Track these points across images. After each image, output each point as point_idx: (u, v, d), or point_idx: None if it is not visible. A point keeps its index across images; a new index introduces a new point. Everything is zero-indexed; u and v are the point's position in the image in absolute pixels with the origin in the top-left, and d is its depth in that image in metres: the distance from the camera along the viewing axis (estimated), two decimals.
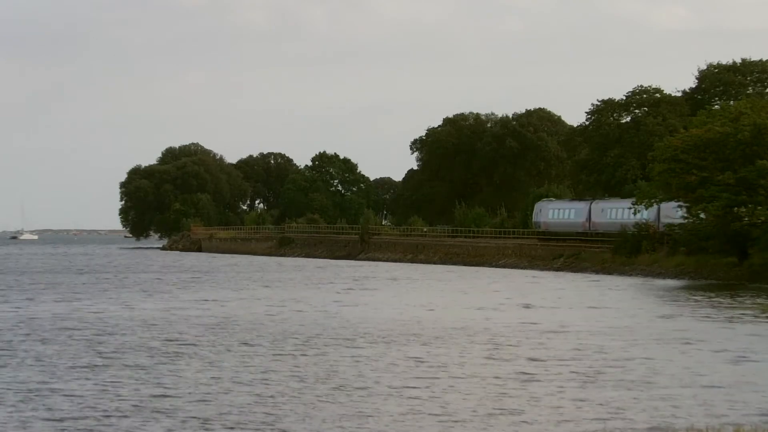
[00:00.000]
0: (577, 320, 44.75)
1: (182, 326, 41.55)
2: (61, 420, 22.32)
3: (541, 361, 31.39)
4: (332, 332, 39.31)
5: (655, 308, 51.52)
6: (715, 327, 41.90)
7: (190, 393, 25.43)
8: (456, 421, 22.21)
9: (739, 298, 57.24)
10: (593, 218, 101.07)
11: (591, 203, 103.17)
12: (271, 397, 24.99)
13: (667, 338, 37.75)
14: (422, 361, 31.18)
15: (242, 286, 70.67)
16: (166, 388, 26.17)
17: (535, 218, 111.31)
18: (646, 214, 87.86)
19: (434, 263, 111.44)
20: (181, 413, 22.95)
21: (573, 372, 29.02)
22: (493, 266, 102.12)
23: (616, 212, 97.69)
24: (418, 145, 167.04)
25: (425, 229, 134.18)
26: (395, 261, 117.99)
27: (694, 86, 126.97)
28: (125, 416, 22.64)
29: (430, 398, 24.85)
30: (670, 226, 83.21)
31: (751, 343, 36.33)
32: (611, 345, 35.53)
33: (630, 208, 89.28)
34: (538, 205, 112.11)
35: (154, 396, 25.03)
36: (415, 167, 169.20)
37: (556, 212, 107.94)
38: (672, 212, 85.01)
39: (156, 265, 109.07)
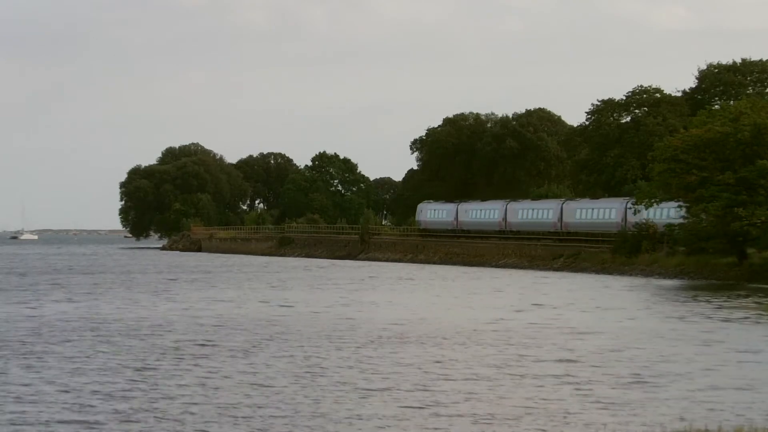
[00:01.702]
0: (587, 321, 44.79)
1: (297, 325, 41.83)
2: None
3: (563, 361, 31.46)
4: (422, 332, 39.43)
5: (661, 308, 51.57)
6: (718, 327, 41.94)
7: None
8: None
9: (740, 298, 57.28)
10: (459, 218, 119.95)
11: (458, 205, 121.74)
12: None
13: (670, 338, 37.78)
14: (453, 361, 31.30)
15: (302, 286, 69.98)
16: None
17: (417, 217, 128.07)
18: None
19: (434, 263, 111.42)
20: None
21: (573, 371, 29.06)
22: (493, 266, 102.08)
23: (476, 213, 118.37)
24: (418, 145, 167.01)
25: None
26: (395, 261, 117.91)
27: (694, 86, 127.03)
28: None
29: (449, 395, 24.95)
30: (671, 227, 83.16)
31: (754, 342, 36.35)
32: (614, 345, 35.57)
33: (487, 210, 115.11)
34: (419, 206, 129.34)
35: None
36: (415, 167, 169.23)
37: (432, 212, 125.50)
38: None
39: (188, 264, 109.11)
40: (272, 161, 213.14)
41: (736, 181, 75.47)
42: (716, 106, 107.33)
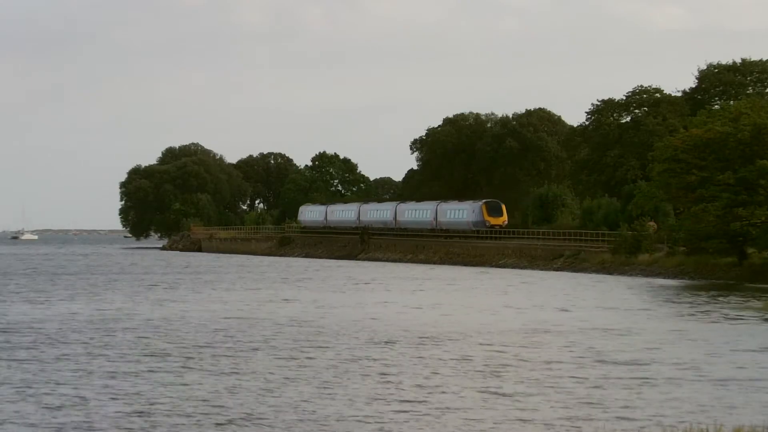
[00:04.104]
0: (594, 320, 44.82)
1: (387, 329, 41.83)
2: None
3: (565, 362, 31.49)
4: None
5: (663, 309, 51.62)
6: (718, 327, 41.98)
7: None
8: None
9: (741, 298, 57.31)
10: (328, 217, 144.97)
11: (327, 207, 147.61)
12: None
13: (671, 338, 37.82)
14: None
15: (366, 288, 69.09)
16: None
17: (299, 217, 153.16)
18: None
19: (434, 263, 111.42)
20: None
21: (575, 372, 29.11)
22: (493, 266, 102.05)
23: (340, 213, 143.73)
24: (418, 145, 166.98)
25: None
26: (395, 261, 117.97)
27: (694, 86, 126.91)
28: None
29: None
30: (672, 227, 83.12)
31: (755, 342, 36.38)
32: (614, 346, 35.60)
33: (346, 210, 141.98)
34: (301, 208, 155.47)
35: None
36: (415, 167, 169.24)
37: (309, 213, 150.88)
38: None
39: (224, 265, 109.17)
40: (272, 161, 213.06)
41: (736, 181, 75.48)
42: (716, 106, 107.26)
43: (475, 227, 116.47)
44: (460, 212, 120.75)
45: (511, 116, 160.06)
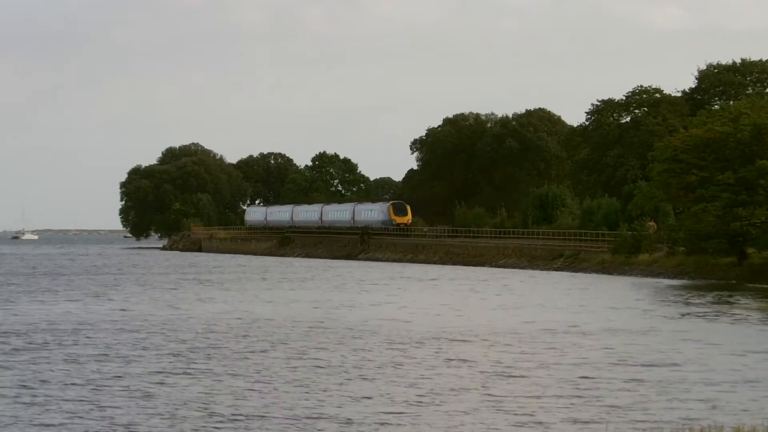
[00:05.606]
0: (593, 320, 44.87)
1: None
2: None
3: (563, 363, 31.54)
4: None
5: (664, 309, 51.66)
6: (719, 327, 42.02)
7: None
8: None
9: (741, 298, 57.34)
10: (268, 217, 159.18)
11: (267, 209, 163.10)
12: None
13: (672, 339, 37.87)
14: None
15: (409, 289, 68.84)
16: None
17: (245, 217, 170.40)
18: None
19: (434, 263, 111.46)
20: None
21: (576, 372, 29.16)
22: (493, 266, 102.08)
23: (277, 214, 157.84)
24: (418, 145, 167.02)
25: (425, 229, 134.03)
26: (395, 261, 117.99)
27: (694, 86, 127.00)
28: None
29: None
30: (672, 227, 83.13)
31: (755, 342, 36.43)
32: (613, 345, 35.67)
33: (281, 212, 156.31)
34: (247, 210, 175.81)
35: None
36: (415, 167, 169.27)
37: (253, 214, 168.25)
38: (301, 215, 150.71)
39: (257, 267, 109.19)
40: (272, 161, 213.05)
41: (736, 181, 75.52)
42: (716, 106, 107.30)
43: (384, 225, 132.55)
44: (372, 212, 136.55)
45: (511, 116, 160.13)
